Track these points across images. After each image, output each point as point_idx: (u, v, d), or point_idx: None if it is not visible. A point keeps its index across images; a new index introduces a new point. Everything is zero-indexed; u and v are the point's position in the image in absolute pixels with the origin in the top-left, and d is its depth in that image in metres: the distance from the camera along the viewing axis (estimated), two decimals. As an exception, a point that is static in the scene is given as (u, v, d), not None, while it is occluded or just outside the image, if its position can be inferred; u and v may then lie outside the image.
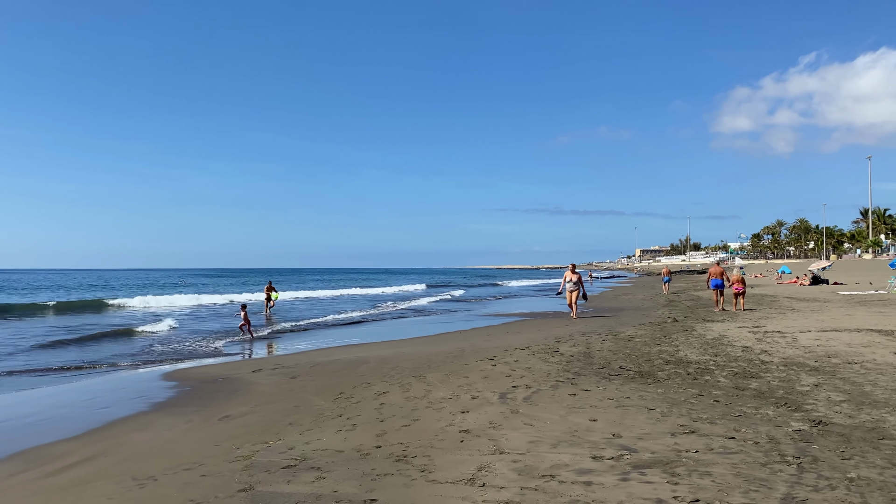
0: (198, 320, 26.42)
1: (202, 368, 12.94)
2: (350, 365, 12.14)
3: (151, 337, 19.51)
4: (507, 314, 27.29)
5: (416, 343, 16.17)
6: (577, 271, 22.09)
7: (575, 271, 21.92)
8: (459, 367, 11.24)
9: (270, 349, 16.91)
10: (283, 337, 19.89)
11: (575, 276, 21.76)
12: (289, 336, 20.15)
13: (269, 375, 11.34)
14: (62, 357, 15.22)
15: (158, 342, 18.06)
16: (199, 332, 21.21)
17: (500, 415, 7.51)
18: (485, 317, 26.37)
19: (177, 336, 19.77)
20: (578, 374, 10.11)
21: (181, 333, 20.53)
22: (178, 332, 20.76)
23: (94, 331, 21.14)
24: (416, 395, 8.87)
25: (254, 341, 18.27)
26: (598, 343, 13.90)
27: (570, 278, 21.78)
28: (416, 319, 26.70)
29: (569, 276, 21.82)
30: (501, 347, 13.85)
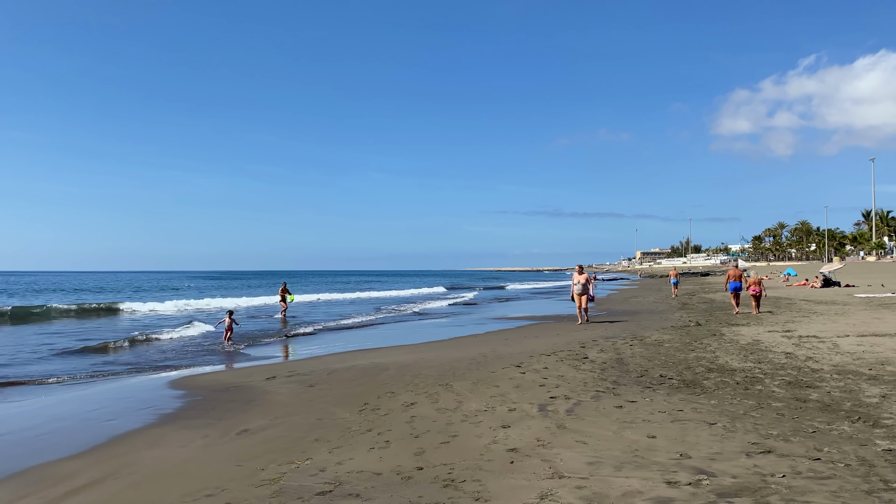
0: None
1: (212, 375, 12.29)
2: (369, 372, 11.49)
3: (178, 341, 18.85)
4: (518, 317, 26.63)
5: (433, 348, 15.51)
6: (585, 272, 20.54)
7: (583, 272, 20.35)
8: (486, 374, 10.59)
9: (286, 353, 16.26)
10: (293, 341, 19.23)
11: (583, 277, 20.11)
12: (300, 340, 19.49)
13: (285, 383, 10.68)
14: (80, 363, 14.57)
15: (180, 347, 17.40)
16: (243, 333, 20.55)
17: (546, 430, 6.86)
18: (496, 320, 25.71)
19: (202, 340, 19.11)
20: (617, 383, 9.46)
21: (215, 336, 19.88)
22: (210, 335, 20.09)
23: (123, 335, 20.49)
24: (447, 407, 8.22)
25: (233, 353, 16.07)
26: (627, 349, 13.25)
27: (578, 280, 20.13)
28: (427, 322, 26.04)
29: (576, 279, 20.20)
30: (525, 353, 13.20)
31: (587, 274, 20.25)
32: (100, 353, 16.19)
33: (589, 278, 20.27)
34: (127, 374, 12.96)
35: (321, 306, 37.77)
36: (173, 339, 19.40)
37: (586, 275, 20.21)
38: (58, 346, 17.58)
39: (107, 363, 14.48)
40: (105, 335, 20.92)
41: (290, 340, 19.33)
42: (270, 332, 21.73)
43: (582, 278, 20.05)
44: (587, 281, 20.14)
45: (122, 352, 16.43)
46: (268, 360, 14.78)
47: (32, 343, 18.85)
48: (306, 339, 19.87)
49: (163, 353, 16.05)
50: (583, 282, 20.05)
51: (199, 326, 22.31)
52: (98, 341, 18.57)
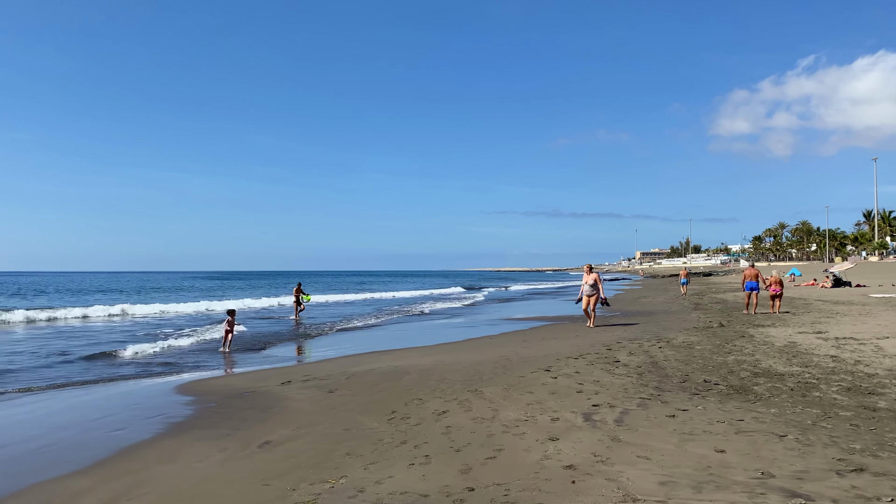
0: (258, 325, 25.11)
1: (223, 380, 11.65)
2: (390, 376, 10.86)
3: (189, 344, 18.21)
4: (528, 318, 26.01)
5: (450, 350, 14.88)
6: (595, 272, 19.15)
7: (592, 272, 18.97)
8: (515, 379, 9.97)
9: (298, 356, 15.63)
10: (304, 343, 18.60)
11: (592, 277, 18.76)
12: (310, 342, 18.86)
13: (302, 389, 10.05)
14: (84, 368, 13.94)
15: (189, 350, 16.77)
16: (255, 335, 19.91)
17: (600, 443, 6.23)
18: (507, 321, 25.08)
19: (214, 344, 18.45)
20: (661, 389, 8.84)
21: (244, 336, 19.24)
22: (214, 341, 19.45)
23: (130, 338, 19.84)
24: (482, 416, 7.59)
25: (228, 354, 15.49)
26: (658, 351, 12.63)
27: (587, 280, 18.84)
28: (437, 323, 25.41)
29: (585, 279, 18.95)
30: (550, 356, 12.57)
31: (596, 274, 18.98)
32: (105, 357, 15.54)
33: (599, 279, 19.00)
34: (134, 377, 12.32)
35: (328, 307, 37.14)
36: (181, 344, 18.76)
37: (595, 275, 18.91)
38: (64, 350, 16.95)
39: (110, 366, 13.85)
40: (111, 337, 20.30)
41: (301, 342, 18.70)
42: (281, 334, 21.10)
43: (591, 278, 18.82)
44: (597, 281, 18.87)
45: (128, 356, 15.78)
46: (279, 362, 14.15)
47: (41, 348, 18.22)
48: (316, 340, 19.25)
49: (172, 356, 15.41)
50: (591, 282, 18.82)
51: (204, 330, 21.69)
52: (105, 344, 17.96)
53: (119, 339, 19.26)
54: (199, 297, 51.01)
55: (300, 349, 17.10)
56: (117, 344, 17.70)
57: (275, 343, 18.23)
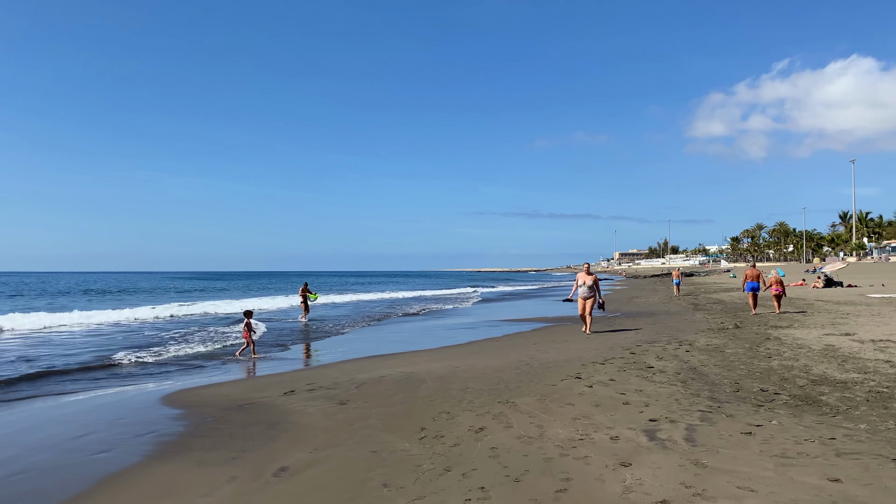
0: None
1: (217, 388, 10.50)
2: (404, 385, 9.82)
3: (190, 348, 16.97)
4: (527, 319, 25.08)
5: (461, 354, 13.86)
6: (593, 272, 17.66)
7: (590, 272, 17.36)
8: (546, 388, 9.00)
9: (295, 361, 14.51)
10: (294, 346, 17.46)
11: (590, 278, 17.06)
12: (299, 346, 17.73)
13: (310, 400, 8.97)
14: (66, 377, 12.70)
15: (185, 355, 15.55)
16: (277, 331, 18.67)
17: (682, 469, 5.28)
18: (506, 322, 24.12)
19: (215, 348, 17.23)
20: (716, 399, 7.92)
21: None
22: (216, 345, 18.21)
23: (121, 344, 18.53)
24: (528, 434, 6.60)
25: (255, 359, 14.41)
26: (687, 355, 11.74)
27: (585, 281, 17.04)
28: (433, 324, 24.36)
29: (582, 279, 17.16)
30: (572, 361, 11.63)
31: (595, 275, 17.38)
32: (81, 364, 14.30)
33: (598, 280, 17.36)
34: (116, 385, 11.14)
35: (315, 309, 35.88)
36: (165, 349, 17.53)
37: (594, 276, 17.24)
38: (32, 357, 15.66)
39: (86, 373, 12.64)
40: (86, 342, 19.02)
41: (292, 346, 17.55)
42: (283, 337, 19.94)
43: (589, 279, 17.06)
44: (595, 283, 17.13)
45: (113, 360, 14.55)
46: (275, 368, 13.01)
47: (25, 354, 16.90)
48: (311, 343, 18.12)
49: (158, 362, 14.22)
50: (590, 283, 17.01)
51: (188, 333, 20.44)
52: (79, 351, 16.70)
53: (94, 345, 18.00)
54: (179, 299, 49.52)
55: (294, 353, 15.96)
56: (91, 350, 16.46)
57: (267, 346, 17.07)
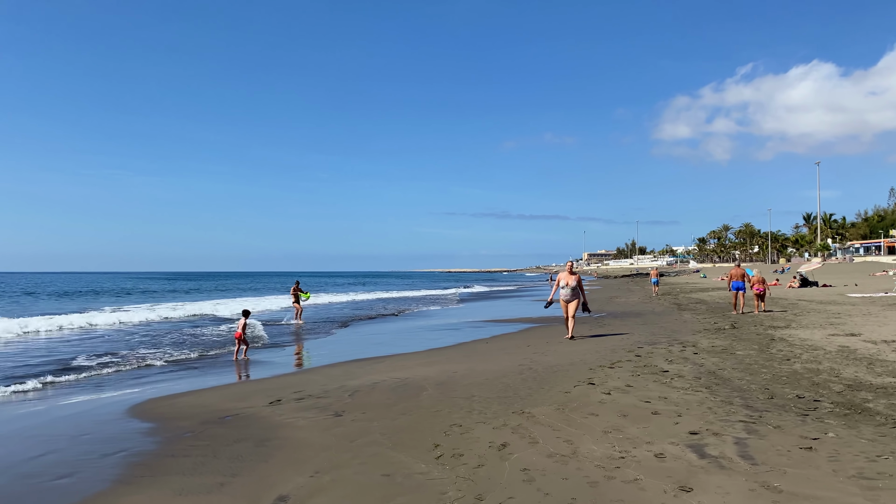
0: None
1: (192, 397, 9.50)
2: (402, 393, 8.95)
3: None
4: (511, 319, 24.35)
5: (454, 358, 13.03)
6: (576, 272, 15.95)
7: (573, 272, 15.36)
8: (559, 396, 8.22)
9: (275, 365, 13.50)
10: (275, 348, 16.43)
11: (573, 278, 15.09)
12: (283, 349, 16.71)
13: (300, 411, 8.05)
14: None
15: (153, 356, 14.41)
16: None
17: (754, 495, 4.53)
18: (492, 322, 23.35)
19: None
20: (752, 407, 7.21)
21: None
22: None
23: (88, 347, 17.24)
24: (558, 451, 5.80)
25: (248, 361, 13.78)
26: (696, 358, 11.09)
27: (567, 282, 15.04)
28: (416, 325, 23.48)
29: (564, 280, 15.12)
30: (576, 364, 10.89)
31: (578, 275, 15.37)
32: (36, 370, 13.13)
33: (581, 280, 15.39)
34: (80, 393, 10.07)
35: (290, 311, 34.72)
36: (131, 353, 16.37)
37: (577, 276, 15.22)
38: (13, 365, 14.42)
39: (40, 379, 11.52)
40: (60, 348, 17.76)
41: (273, 348, 16.52)
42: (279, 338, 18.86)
43: (572, 280, 15.07)
44: (579, 284, 15.18)
45: (76, 368, 13.40)
46: (256, 374, 12.03)
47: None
48: (291, 347, 17.12)
49: (137, 367, 13.12)
50: (573, 284, 15.04)
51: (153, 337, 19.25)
52: (51, 356, 15.49)
53: (55, 350, 16.77)
54: (149, 300, 47.83)
55: (273, 356, 14.95)
56: (52, 356, 15.26)
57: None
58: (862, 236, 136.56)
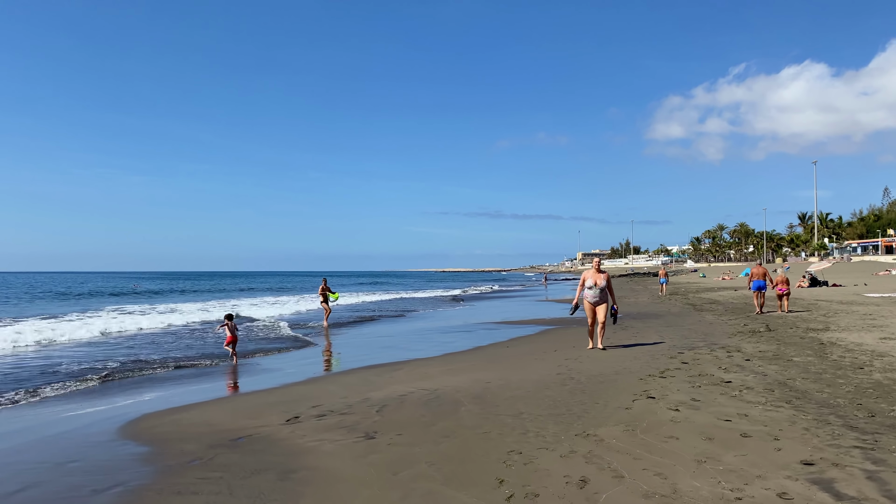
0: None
1: (195, 412, 8.38)
2: (436, 407, 7.87)
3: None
4: (524, 321, 23.28)
5: (478, 364, 11.94)
6: (605, 270, 13.51)
7: (601, 269, 13.14)
8: (621, 413, 7.17)
9: (282, 370, 12.39)
10: (279, 354, 15.32)
11: (601, 277, 12.91)
12: (287, 354, 15.60)
13: (323, 431, 6.95)
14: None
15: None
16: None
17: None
18: (506, 325, 22.28)
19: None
20: (856, 427, 6.17)
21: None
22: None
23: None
24: (656, 490, 4.74)
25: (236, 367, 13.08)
26: (750, 365, 10.06)
27: (596, 281, 12.84)
28: (425, 327, 22.38)
29: (591, 279, 12.89)
30: (621, 373, 9.85)
31: (607, 273, 13.17)
32: (16, 378, 11.99)
33: (611, 280, 13.16)
34: (63, 408, 8.94)
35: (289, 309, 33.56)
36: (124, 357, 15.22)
37: (607, 274, 13.05)
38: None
39: (36, 393, 10.39)
40: (42, 353, 16.60)
41: (271, 352, 15.41)
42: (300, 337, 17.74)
43: (601, 279, 12.88)
44: (608, 284, 13.02)
45: (58, 372, 12.26)
46: (262, 382, 10.90)
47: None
48: (296, 351, 16.00)
49: (129, 374, 11.99)
50: (602, 284, 12.86)
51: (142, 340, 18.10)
52: (33, 362, 14.35)
53: (38, 355, 15.62)
54: (142, 301, 46.59)
55: (278, 362, 13.83)
56: (34, 362, 14.10)
57: (247, 353, 14.91)
58: (859, 236, 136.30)
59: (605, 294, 12.97)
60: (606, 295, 13.00)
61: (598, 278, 12.92)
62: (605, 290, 12.94)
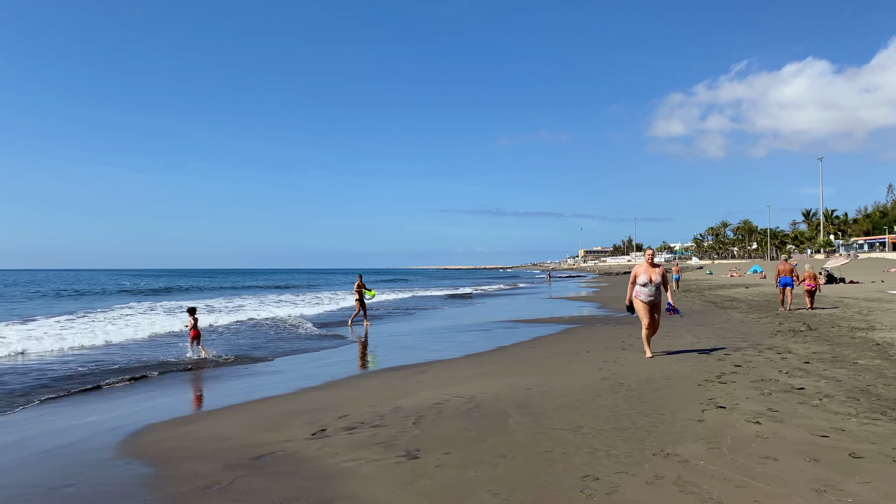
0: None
1: (205, 422, 7.49)
2: (479, 418, 6.99)
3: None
4: (540, 319, 22.38)
5: (509, 366, 11.05)
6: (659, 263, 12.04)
7: (655, 263, 11.14)
8: (694, 426, 6.29)
9: (312, 370, 11.51)
10: (288, 356, 14.45)
11: (656, 272, 10.90)
12: (300, 356, 14.73)
13: (357, 447, 6.06)
14: None
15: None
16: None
17: None
18: (523, 323, 21.39)
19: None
20: None
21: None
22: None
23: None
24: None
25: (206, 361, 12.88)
26: (811, 368, 9.17)
27: (651, 277, 10.85)
28: (440, 326, 21.51)
29: (646, 274, 10.88)
30: (673, 378, 8.97)
31: (663, 267, 11.29)
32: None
33: (666, 273, 11.17)
34: (52, 417, 8.07)
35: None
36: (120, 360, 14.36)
37: (662, 268, 11.08)
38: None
39: (16, 399, 9.52)
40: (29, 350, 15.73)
41: (279, 353, 14.54)
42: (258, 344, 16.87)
43: (656, 274, 10.89)
44: (664, 280, 11.05)
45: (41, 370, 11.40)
46: (276, 387, 10.01)
47: None
48: (307, 351, 15.13)
49: (128, 373, 11.13)
50: (658, 280, 10.91)
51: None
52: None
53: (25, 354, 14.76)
54: (144, 298, 45.74)
55: (287, 365, 12.96)
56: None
57: (200, 355, 14.04)
58: (864, 232, 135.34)
59: (661, 292, 11.14)
60: (662, 293, 11.19)
61: (653, 273, 10.90)
62: (660, 288, 11.07)
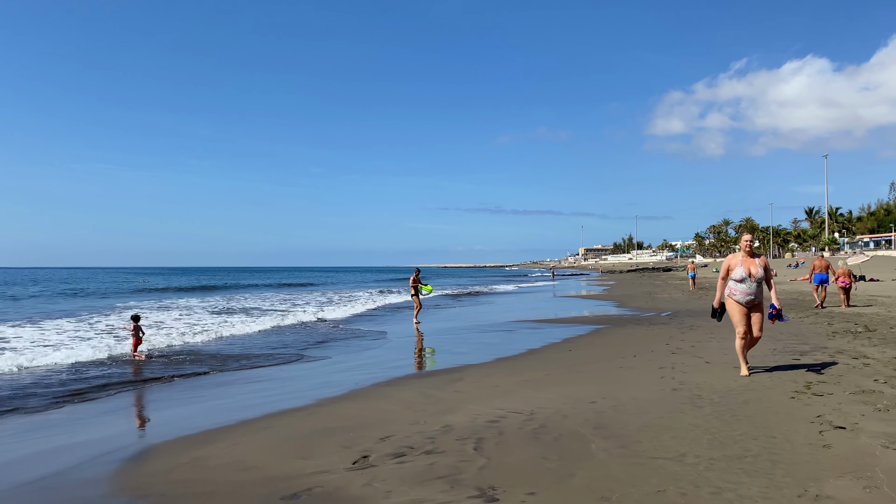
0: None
1: (222, 444, 6.30)
2: (552, 442, 5.82)
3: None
4: (562, 319, 21.21)
5: (555, 374, 9.85)
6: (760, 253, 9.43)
7: (754, 253, 8.71)
8: (820, 453, 5.15)
9: (335, 377, 10.31)
10: (299, 361, 13.28)
11: (757, 264, 8.62)
12: (312, 363, 13.56)
13: (413, 483, 4.88)
14: None
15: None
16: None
17: None
18: (546, 323, 20.22)
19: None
20: None
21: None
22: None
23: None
24: None
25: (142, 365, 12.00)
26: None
27: (750, 271, 8.56)
28: (454, 326, 20.35)
29: (743, 268, 8.61)
30: (752, 388, 7.83)
31: (764, 256, 9.33)
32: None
33: (768, 267, 8.79)
34: (38, 435, 6.89)
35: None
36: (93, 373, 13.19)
37: (764, 259, 8.84)
38: None
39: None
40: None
41: (291, 358, 13.36)
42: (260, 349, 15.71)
43: (757, 267, 8.60)
44: (766, 274, 8.71)
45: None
46: (299, 397, 8.82)
47: None
48: (322, 360, 13.96)
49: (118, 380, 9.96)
50: (759, 275, 8.58)
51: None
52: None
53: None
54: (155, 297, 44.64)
55: (303, 370, 11.78)
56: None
57: (137, 358, 12.88)
58: (869, 230, 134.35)
59: (762, 290, 8.75)
60: (763, 291, 8.78)
61: (753, 266, 8.57)
62: (762, 284, 8.66)
